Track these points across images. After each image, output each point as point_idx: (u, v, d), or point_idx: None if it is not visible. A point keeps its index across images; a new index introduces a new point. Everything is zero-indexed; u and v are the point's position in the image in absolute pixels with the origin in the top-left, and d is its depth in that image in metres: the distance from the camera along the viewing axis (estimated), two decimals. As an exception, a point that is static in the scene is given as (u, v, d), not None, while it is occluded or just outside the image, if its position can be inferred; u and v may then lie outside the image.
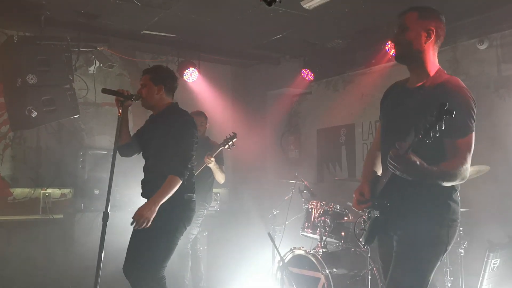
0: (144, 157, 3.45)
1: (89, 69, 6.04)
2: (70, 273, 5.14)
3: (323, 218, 4.47)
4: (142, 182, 3.39)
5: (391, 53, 5.62)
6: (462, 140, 2.22)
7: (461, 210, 4.09)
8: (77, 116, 5.37)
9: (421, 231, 2.28)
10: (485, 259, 4.18)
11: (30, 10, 4.94)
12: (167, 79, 3.45)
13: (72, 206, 5.71)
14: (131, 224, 3.11)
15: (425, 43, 2.40)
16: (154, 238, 3.12)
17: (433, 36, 2.41)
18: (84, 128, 6.18)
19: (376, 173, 2.60)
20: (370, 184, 2.51)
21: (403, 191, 2.28)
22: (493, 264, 4.21)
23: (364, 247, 2.71)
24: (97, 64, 5.98)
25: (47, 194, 5.86)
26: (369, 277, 4.01)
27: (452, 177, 2.22)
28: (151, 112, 3.55)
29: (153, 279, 3.12)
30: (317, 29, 5.49)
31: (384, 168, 2.42)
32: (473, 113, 2.26)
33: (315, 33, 5.68)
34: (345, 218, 4.55)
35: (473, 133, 2.26)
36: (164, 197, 3.11)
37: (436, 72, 2.42)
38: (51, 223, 5.71)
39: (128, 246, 3.27)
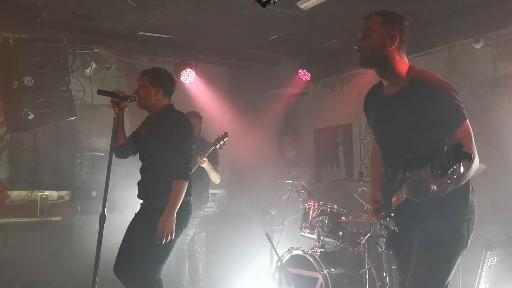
0: (140, 158, 3.44)
1: (85, 70, 6.04)
2: (69, 275, 5.13)
3: (320, 218, 4.47)
4: (139, 183, 3.39)
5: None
6: (460, 130, 2.21)
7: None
8: (74, 118, 5.36)
9: (441, 228, 2.28)
10: (482, 258, 4.20)
11: (26, 12, 4.93)
12: (166, 82, 3.45)
13: (70, 208, 5.70)
14: (158, 241, 3.08)
15: (389, 48, 2.37)
16: (151, 241, 3.11)
17: (396, 42, 2.37)
18: (81, 130, 6.18)
19: (383, 175, 2.58)
20: (381, 190, 2.52)
21: (420, 204, 2.24)
22: (490, 262, 4.23)
23: (383, 251, 2.71)
24: (94, 65, 5.98)
25: (44, 197, 5.85)
26: (367, 277, 4.02)
27: (468, 171, 2.20)
28: (147, 113, 3.55)
29: (150, 282, 3.11)
30: (313, 30, 5.50)
31: (395, 183, 2.38)
32: (458, 101, 2.25)
33: (312, 34, 5.69)
34: (343, 218, 4.56)
35: (467, 119, 2.24)
36: (177, 204, 3.12)
37: (408, 70, 2.41)
38: (49, 225, 5.70)
39: (121, 247, 3.26)
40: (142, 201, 3.37)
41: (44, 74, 4.96)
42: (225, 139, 4.75)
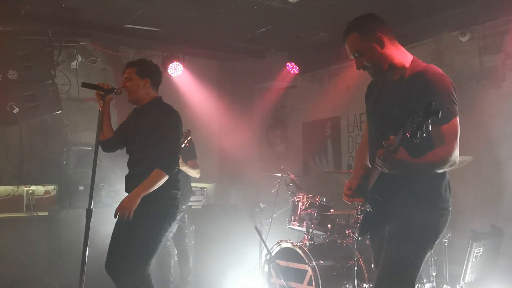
0: (128, 152, 3.40)
1: (71, 64, 5.96)
2: (56, 270, 5.09)
3: (309, 210, 4.49)
4: (126, 177, 3.35)
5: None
6: (446, 125, 2.23)
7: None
8: (60, 112, 5.30)
9: (412, 220, 2.30)
10: (469, 248, 4.25)
11: (10, 4, 4.85)
12: (153, 73, 3.40)
13: (57, 203, 5.65)
14: (115, 216, 3.08)
15: (383, 49, 2.38)
16: (139, 236, 3.09)
17: (384, 40, 2.37)
18: (67, 124, 6.10)
19: (368, 167, 2.61)
20: (360, 179, 2.56)
21: (394, 184, 2.30)
22: (477, 253, 4.28)
23: (358, 239, 2.73)
24: (80, 59, 5.90)
25: (30, 192, 5.79)
26: (355, 268, 4.05)
27: (441, 165, 2.24)
28: (134, 105, 3.50)
29: (139, 277, 3.09)
30: (301, 23, 5.49)
31: (373, 164, 2.44)
32: (453, 98, 2.28)
33: (300, 26, 5.68)
34: (331, 210, 4.58)
35: (457, 117, 2.27)
36: (147, 190, 3.08)
37: (412, 61, 2.43)
38: (35, 220, 5.64)
39: (110, 243, 3.23)
40: None
41: (29, 67, 4.89)
42: (188, 138, 4.60)
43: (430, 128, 1.91)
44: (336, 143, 6.59)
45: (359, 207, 2.54)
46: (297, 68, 6.44)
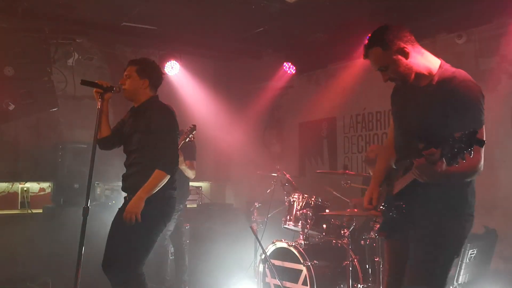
0: (125, 151, 3.39)
1: (68, 61, 5.94)
2: (50, 268, 5.07)
3: (305, 210, 4.50)
4: (123, 176, 3.34)
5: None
6: None
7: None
8: (56, 109, 5.28)
9: (440, 226, 2.31)
10: (463, 250, 4.27)
11: (6, 1, 4.83)
12: (153, 74, 3.38)
13: (52, 201, 5.63)
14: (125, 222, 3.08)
15: (408, 59, 2.35)
16: (133, 235, 3.09)
17: (408, 51, 2.35)
18: (63, 121, 6.08)
19: (390, 168, 2.60)
20: (381, 188, 2.55)
21: (420, 191, 2.30)
22: (470, 254, 4.31)
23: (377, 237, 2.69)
24: (76, 56, 5.89)
25: (25, 189, 5.77)
26: (350, 269, 4.06)
27: (471, 174, 2.27)
28: (131, 104, 3.49)
29: (132, 276, 3.09)
30: (299, 23, 5.50)
31: (401, 169, 2.42)
32: (482, 108, 2.26)
33: (297, 27, 5.69)
34: (327, 210, 4.59)
35: (483, 126, 2.27)
36: (150, 192, 3.10)
37: (440, 66, 2.41)
38: (30, 218, 5.62)
39: (107, 243, 3.23)
40: (125, 193, 3.34)
41: (26, 64, 4.87)
42: (193, 132, 4.63)
43: (471, 155, 1.90)
44: (332, 143, 6.61)
45: (381, 207, 2.52)
46: (294, 68, 6.45)
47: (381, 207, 2.51)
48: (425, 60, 2.40)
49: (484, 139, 2.21)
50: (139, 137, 3.24)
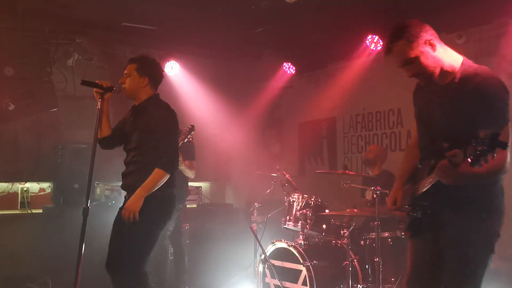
0: (125, 150, 3.39)
1: (67, 61, 5.94)
2: (50, 268, 5.07)
3: (304, 211, 4.50)
4: (123, 175, 3.35)
5: (371, 47, 5.68)
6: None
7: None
8: (55, 109, 5.28)
9: (474, 226, 2.29)
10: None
11: (6, 1, 4.83)
12: (153, 72, 3.38)
13: (52, 201, 5.63)
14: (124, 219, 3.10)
15: (435, 53, 2.32)
16: (135, 234, 3.10)
17: (435, 44, 2.31)
18: (63, 121, 6.08)
19: (416, 168, 2.57)
20: (405, 188, 2.54)
21: (449, 191, 2.27)
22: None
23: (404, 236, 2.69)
24: (76, 56, 5.89)
25: (25, 189, 5.77)
26: (350, 269, 4.06)
27: (498, 173, 2.23)
28: (131, 104, 3.49)
29: (136, 275, 3.10)
30: (298, 23, 5.50)
31: (426, 169, 2.40)
32: (506, 105, 2.22)
33: (297, 27, 5.69)
34: (326, 210, 4.59)
35: (508, 124, 2.22)
36: (150, 190, 3.10)
37: (462, 63, 2.37)
38: (30, 218, 5.63)
39: (110, 242, 3.24)
40: (125, 192, 3.34)
41: (25, 64, 4.88)
42: (192, 133, 4.62)
43: (494, 157, 1.87)
44: (331, 143, 6.61)
45: (406, 207, 2.51)
46: (294, 68, 6.45)
47: (405, 207, 2.48)
48: (448, 56, 2.37)
49: (510, 137, 2.19)
50: (139, 136, 3.24)
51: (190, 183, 5.41)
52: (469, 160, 1.91)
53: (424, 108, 2.51)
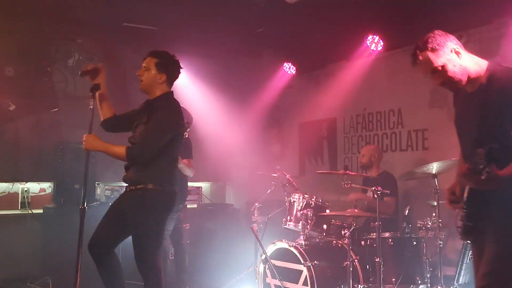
0: (130, 141, 3.40)
1: (68, 61, 5.93)
2: (50, 268, 5.08)
3: (305, 211, 4.50)
4: (125, 166, 3.36)
5: (372, 47, 5.68)
6: None
7: (440, 202, 4.18)
8: (56, 109, 5.29)
9: (507, 227, 2.30)
10: (463, 250, 4.27)
11: (6, 1, 4.83)
12: (172, 69, 3.41)
13: (52, 201, 5.63)
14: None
15: (461, 61, 2.37)
16: (143, 231, 3.15)
17: (460, 51, 2.38)
18: (63, 121, 6.06)
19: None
20: (462, 185, 2.53)
21: (485, 194, 2.29)
22: (471, 255, 4.30)
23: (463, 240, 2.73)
24: (77, 56, 5.88)
25: (26, 189, 5.76)
26: (351, 269, 4.06)
27: None
28: (131, 106, 3.51)
29: (154, 267, 3.16)
30: (298, 23, 5.50)
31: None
32: None
33: (297, 27, 5.69)
34: (327, 211, 4.59)
35: None
36: (105, 151, 3.18)
37: (488, 69, 2.40)
38: (30, 218, 5.62)
39: (100, 224, 3.26)
40: (126, 184, 3.36)
41: (26, 64, 4.89)
42: (187, 130, 4.62)
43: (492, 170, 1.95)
44: (332, 144, 6.61)
45: (461, 210, 2.52)
46: (294, 68, 6.45)
47: (461, 202, 2.50)
48: (474, 63, 2.42)
49: None
50: (141, 129, 3.26)
51: (190, 183, 5.40)
52: (488, 167, 1.96)
53: (458, 117, 2.58)
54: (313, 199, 4.56)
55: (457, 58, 2.37)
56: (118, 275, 3.27)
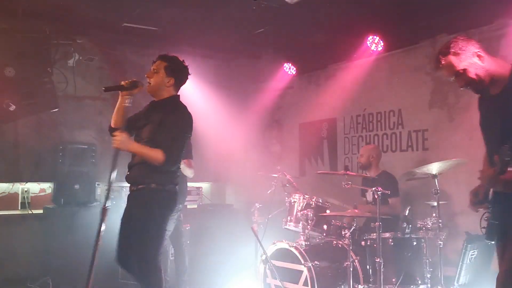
0: (135, 141, 3.41)
1: (68, 62, 5.94)
2: (50, 268, 5.08)
3: (305, 211, 4.50)
4: (129, 165, 3.37)
5: (372, 48, 5.68)
6: None
7: (440, 202, 4.18)
8: (56, 110, 5.28)
9: None
10: (463, 250, 4.27)
11: (6, 1, 4.83)
12: (180, 74, 3.43)
13: (52, 201, 5.63)
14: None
15: (483, 64, 2.45)
16: (145, 231, 3.16)
17: (483, 54, 2.45)
18: (63, 122, 6.07)
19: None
20: (486, 187, 2.58)
21: (510, 196, 2.37)
22: (471, 255, 4.31)
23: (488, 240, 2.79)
24: (77, 57, 5.88)
25: (26, 189, 5.77)
26: (351, 269, 4.06)
27: None
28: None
29: (154, 267, 3.16)
30: (298, 23, 5.50)
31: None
32: None
33: (297, 27, 5.69)
34: (327, 211, 4.59)
35: None
36: (140, 152, 3.17)
37: (511, 70, 2.47)
38: (30, 218, 5.62)
39: (119, 237, 3.28)
40: (129, 184, 3.36)
41: (26, 64, 4.88)
42: None
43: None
44: (332, 144, 6.61)
45: (487, 211, 2.59)
46: (294, 68, 6.45)
47: (486, 203, 2.54)
48: (497, 66, 2.49)
49: None
50: (150, 129, 3.28)
51: (191, 184, 5.40)
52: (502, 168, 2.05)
53: (482, 119, 2.66)
54: (314, 200, 4.56)
55: (479, 62, 2.45)
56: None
